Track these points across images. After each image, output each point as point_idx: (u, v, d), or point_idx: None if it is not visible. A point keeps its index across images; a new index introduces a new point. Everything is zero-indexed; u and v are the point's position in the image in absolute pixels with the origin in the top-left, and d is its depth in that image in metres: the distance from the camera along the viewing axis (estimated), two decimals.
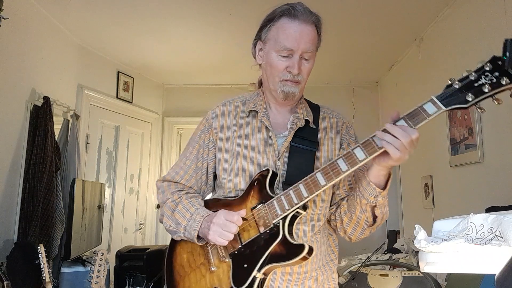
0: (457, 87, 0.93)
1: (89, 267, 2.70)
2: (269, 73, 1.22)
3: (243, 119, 1.26)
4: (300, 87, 1.20)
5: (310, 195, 1.06)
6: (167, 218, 1.23)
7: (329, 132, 1.26)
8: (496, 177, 2.31)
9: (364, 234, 1.21)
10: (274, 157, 1.19)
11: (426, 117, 0.96)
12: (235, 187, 1.20)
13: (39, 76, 3.01)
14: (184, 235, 1.18)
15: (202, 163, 1.28)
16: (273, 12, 1.20)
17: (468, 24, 2.62)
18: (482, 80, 0.90)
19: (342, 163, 1.03)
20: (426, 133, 3.36)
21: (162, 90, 4.87)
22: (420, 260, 1.00)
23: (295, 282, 1.14)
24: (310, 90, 5.47)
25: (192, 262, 1.21)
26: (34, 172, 2.73)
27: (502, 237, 0.91)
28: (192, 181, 1.29)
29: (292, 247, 1.06)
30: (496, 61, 0.90)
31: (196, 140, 1.30)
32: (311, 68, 1.21)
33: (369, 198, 1.09)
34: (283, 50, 1.15)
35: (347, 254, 3.14)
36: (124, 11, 3.05)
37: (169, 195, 1.26)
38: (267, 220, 1.09)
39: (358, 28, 3.30)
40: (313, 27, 1.20)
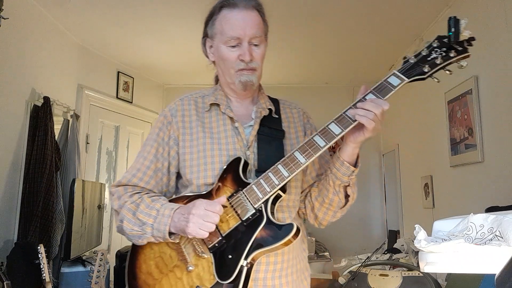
0: (412, 61, 1.05)
1: (89, 267, 2.70)
2: (223, 67, 1.20)
3: (204, 113, 1.23)
4: (257, 74, 1.19)
5: (291, 174, 1.05)
6: (128, 222, 1.11)
7: (292, 122, 1.28)
8: (496, 177, 2.31)
9: (336, 217, 1.23)
10: (243, 147, 1.17)
11: (392, 89, 1.04)
12: (205, 182, 1.14)
13: (39, 76, 3.01)
14: (153, 235, 1.08)
15: (162, 163, 1.19)
16: (214, 6, 1.19)
17: (468, 24, 2.61)
18: (434, 54, 1.04)
19: (319, 139, 1.05)
20: (426, 133, 3.36)
21: (162, 90, 4.87)
22: (420, 260, 1.00)
23: (279, 272, 1.13)
24: (310, 90, 5.47)
25: (163, 266, 1.11)
26: (34, 172, 2.73)
27: (502, 237, 0.91)
28: (151, 183, 1.19)
29: (279, 228, 1.04)
30: (442, 39, 1.04)
31: (154, 139, 1.21)
32: (264, 53, 1.19)
33: (343, 178, 1.11)
34: (231, 39, 1.14)
35: (347, 254, 3.15)
36: (124, 11, 3.05)
37: (127, 198, 1.15)
38: (248, 206, 1.06)
39: (358, 28, 3.30)
40: (255, 12, 1.17)
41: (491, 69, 2.38)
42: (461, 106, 2.67)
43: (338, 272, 2.27)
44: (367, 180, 4.76)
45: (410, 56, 1.05)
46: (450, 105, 2.82)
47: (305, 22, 3.21)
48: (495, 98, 2.34)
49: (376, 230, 4.69)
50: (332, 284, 2.24)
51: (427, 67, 1.03)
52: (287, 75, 4.54)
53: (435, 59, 1.03)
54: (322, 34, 3.44)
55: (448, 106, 2.84)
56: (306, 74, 4.51)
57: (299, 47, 3.74)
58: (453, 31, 1.02)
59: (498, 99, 2.31)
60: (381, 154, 4.76)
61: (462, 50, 1.05)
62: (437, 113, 3.04)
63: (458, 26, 1.03)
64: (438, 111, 3.00)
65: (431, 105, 3.16)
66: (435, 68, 1.04)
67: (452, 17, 1.02)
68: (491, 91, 2.38)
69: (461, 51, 1.04)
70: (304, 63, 4.16)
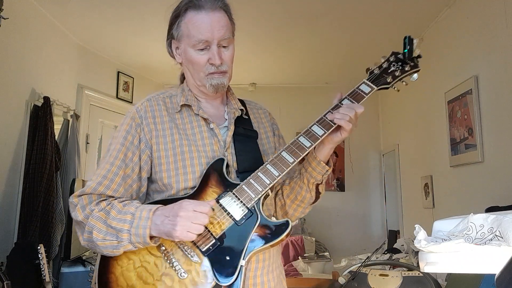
0: (377, 72, 1.22)
1: (89, 267, 2.70)
2: (192, 70, 1.17)
3: (175, 114, 1.17)
4: (228, 76, 1.17)
5: (281, 173, 1.07)
6: (98, 232, 1.00)
7: (261, 122, 1.30)
8: (496, 177, 2.31)
9: (304, 213, 1.28)
10: (221, 148, 1.15)
11: (364, 95, 1.17)
12: (185, 186, 1.09)
13: (39, 76, 3.01)
14: (130, 241, 0.99)
15: (132, 168, 1.10)
16: (178, 7, 1.15)
17: (468, 24, 2.62)
18: (392, 67, 1.21)
19: (304, 140, 1.10)
20: (426, 133, 3.36)
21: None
22: (420, 260, 1.00)
23: (266, 269, 1.15)
24: (310, 90, 5.46)
25: (148, 277, 1.02)
26: (34, 172, 2.73)
27: (502, 237, 0.91)
28: (120, 191, 1.08)
29: (274, 226, 1.05)
30: (397, 55, 1.23)
31: (121, 142, 1.11)
32: (233, 54, 1.17)
33: (317, 177, 1.17)
34: (199, 43, 1.11)
35: (347, 254, 3.15)
36: (124, 11, 3.05)
37: (94, 206, 1.04)
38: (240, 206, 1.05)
39: (358, 28, 3.31)
40: (222, 13, 1.13)
41: (491, 69, 2.38)
42: (461, 106, 2.67)
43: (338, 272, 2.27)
44: (367, 180, 4.76)
45: (374, 67, 1.24)
46: (450, 105, 2.82)
47: (305, 22, 3.21)
48: (495, 98, 2.34)
49: (376, 230, 4.69)
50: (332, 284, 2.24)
51: (390, 77, 1.20)
52: (287, 75, 4.54)
53: (395, 71, 1.20)
54: (322, 34, 3.44)
55: (448, 106, 2.84)
56: (306, 74, 4.51)
57: (299, 47, 3.74)
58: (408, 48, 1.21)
59: (498, 99, 2.31)
60: (381, 154, 4.76)
61: (414, 65, 1.22)
62: (437, 113, 3.04)
63: (412, 45, 1.21)
64: (438, 111, 3.00)
65: (431, 105, 3.16)
66: (396, 79, 1.21)
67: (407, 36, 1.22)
68: (491, 91, 2.38)
69: (413, 66, 1.22)
70: (304, 63, 4.16)
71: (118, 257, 1.04)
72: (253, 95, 4.43)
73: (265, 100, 1.41)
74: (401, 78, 1.21)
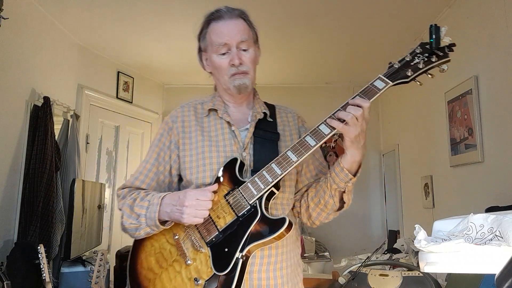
0: (397, 66, 1.13)
1: (89, 267, 2.70)
2: (218, 75, 1.29)
3: (203, 118, 1.31)
4: (250, 77, 1.27)
5: (283, 172, 1.12)
6: (127, 217, 1.20)
7: (287, 125, 1.36)
8: (496, 177, 2.31)
9: (328, 219, 1.30)
10: (239, 149, 1.24)
11: (377, 92, 1.12)
12: (203, 182, 1.21)
13: (39, 76, 3.01)
14: (147, 225, 1.16)
15: (164, 166, 1.28)
16: (203, 22, 1.32)
17: (468, 24, 2.62)
18: (416, 59, 1.12)
19: (310, 139, 1.13)
20: (426, 133, 3.36)
21: (162, 90, 4.87)
22: (420, 260, 1.00)
23: (273, 265, 1.19)
24: (310, 90, 5.46)
25: (163, 261, 1.18)
26: (34, 172, 2.73)
27: (502, 237, 0.91)
28: (153, 184, 1.28)
29: (272, 223, 1.11)
30: (424, 46, 1.14)
31: (156, 144, 1.31)
32: (254, 56, 1.28)
33: (340, 184, 1.18)
34: (219, 47, 1.24)
35: (347, 254, 3.15)
36: (124, 11, 3.05)
37: (128, 196, 1.24)
38: (243, 202, 1.13)
39: (358, 28, 3.31)
40: (241, 20, 1.27)
41: (491, 69, 2.38)
42: (461, 106, 2.67)
43: (338, 272, 2.27)
44: (367, 180, 4.76)
45: (395, 61, 1.15)
46: (450, 105, 2.82)
47: (305, 22, 3.21)
48: (495, 98, 2.34)
49: (376, 230, 4.69)
50: (332, 284, 2.24)
51: (410, 71, 1.11)
52: (287, 75, 4.54)
53: (418, 63, 1.12)
54: (322, 34, 3.44)
55: (448, 106, 2.84)
56: (306, 74, 4.51)
57: (299, 47, 3.74)
58: (434, 37, 1.11)
59: (498, 99, 2.31)
60: (381, 154, 4.76)
61: (443, 55, 1.13)
62: (437, 113, 3.04)
63: (438, 33, 1.11)
64: (438, 111, 3.00)
65: (431, 105, 3.16)
66: (418, 72, 1.12)
67: (432, 24, 1.12)
68: (491, 91, 2.38)
69: (442, 56, 1.13)
70: (304, 63, 4.16)
71: (144, 243, 1.22)
72: None
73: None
74: (425, 70, 1.13)
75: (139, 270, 1.20)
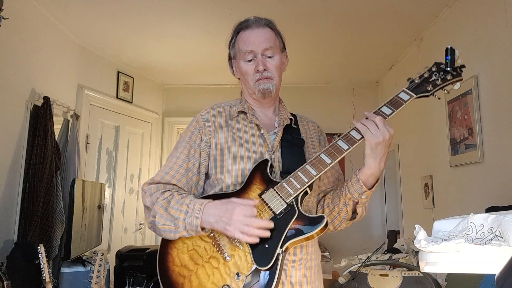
0: (418, 81, 1.27)
1: (89, 267, 2.70)
2: (244, 80, 1.37)
3: (232, 120, 1.36)
4: (274, 83, 1.33)
5: (318, 173, 1.18)
6: (160, 217, 1.21)
7: (309, 133, 1.44)
8: (496, 177, 2.31)
9: (341, 227, 1.35)
10: (269, 151, 1.30)
11: (403, 103, 1.25)
12: (234, 181, 1.26)
13: (39, 76, 3.01)
14: (185, 229, 1.17)
15: (193, 163, 1.31)
16: (232, 31, 1.39)
17: (468, 24, 2.62)
18: (434, 77, 1.26)
19: (342, 144, 1.20)
20: (426, 133, 3.36)
21: (162, 90, 4.87)
22: (420, 260, 1.00)
23: (304, 263, 1.26)
24: (310, 90, 5.45)
25: (198, 258, 1.19)
26: (34, 172, 2.73)
27: (502, 237, 0.91)
28: (183, 181, 1.30)
29: (310, 220, 1.16)
30: (439, 65, 1.28)
31: (186, 141, 1.33)
32: (278, 64, 1.34)
33: (354, 194, 1.23)
34: (246, 54, 1.32)
35: (347, 254, 3.14)
36: (125, 11, 3.05)
37: (159, 195, 1.25)
38: (279, 201, 1.18)
39: (358, 28, 3.31)
40: (267, 29, 1.35)
41: (491, 69, 2.38)
42: (461, 106, 2.67)
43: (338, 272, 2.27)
44: None
45: (415, 77, 1.28)
46: (450, 105, 2.82)
47: (305, 22, 3.21)
48: (495, 98, 2.34)
49: (376, 230, 4.68)
50: (332, 284, 2.24)
51: (430, 86, 1.25)
52: (287, 75, 4.51)
53: (436, 80, 1.25)
54: (322, 34, 3.44)
55: (448, 106, 2.84)
56: (306, 74, 4.51)
57: (299, 47, 3.74)
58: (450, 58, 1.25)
59: (498, 99, 2.31)
60: None
61: (457, 75, 1.26)
62: (437, 113, 3.04)
63: (454, 54, 1.25)
64: (438, 111, 3.00)
65: (431, 105, 3.16)
66: (437, 88, 1.26)
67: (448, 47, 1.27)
68: (491, 91, 2.38)
69: (456, 75, 1.26)
70: (304, 63, 4.16)
71: (175, 241, 1.23)
72: None
73: None
74: (442, 87, 1.26)
75: (171, 268, 1.21)
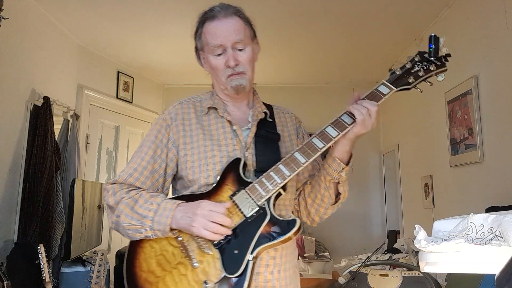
0: (399, 73, 1.18)
1: (89, 267, 2.70)
2: (215, 75, 1.27)
3: (203, 117, 1.27)
4: (247, 78, 1.24)
5: (292, 173, 1.11)
6: (125, 216, 1.13)
7: (285, 126, 1.34)
8: (496, 177, 2.31)
9: (327, 214, 1.28)
10: (242, 148, 1.22)
11: (382, 97, 1.16)
12: (206, 182, 1.18)
13: (39, 76, 3.01)
14: (152, 228, 1.10)
15: (160, 164, 1.22)
16: (197, 21, 1.30)
17: (468, 24, 2.62)
18: (416, 67, 1.18)
19: (317, 141, 1.13)
20: (426, 133, 3.36)
21: (162, 90, 4.87)
22: (420, 260, 1.00)
23: (278, 267, 1.18)
24: (310, 90, 5.46)
25: (166, 264, 1.12)
26: (34, 172, 2.73)
27: (502, 237, 0.91)
28: (147, 183, 1.21)
29: (283, 224, 1.09)
30: (422, 54, 1.19)
31: (152, 140, 1.23)
32: (250, 56, 1.24)
33: (333, 174, 1.18)
34: (215, 48, 1.21)
35: (347, 254, 3.15)
36: (124, 11, 3.05)
37: (124, 194, 1.17)
38: (251, 203, 1.10)
39: (358, 28, 3.30)
40: (236, 18, 1.23)
41: (491, 69, 2.38)
42: (461, 106, 2.67)
43: (338, 272, 2.27)
44: (367, 180, 4.76)
45: (396, 68, 1.19)
46: (450, 105, 2.82)
47: (305, 22, 3.21)
48: (495, 98, 2.34)
49: (376, 230, 4.69)
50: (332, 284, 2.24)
51: (412, 78, 1.17)
52: (288, 75, 4.54)
53: (418, 71, 1.17)
54: (322, 34, 3.44)
55: (448, 106, 2.84)
56: (306, 74, 4.51)
57: (299, 47, 3.74)
58: (433, 47, 1.16)
59: (498, 99, 2.31)
60: (381, 154, 4.76)
61: (441, 65, 1.19)
62: (437, 113, 3.04)
63: (438, 43, 1.17)
64: (438, 111, 3.00)
65: (431, 105, 3.16)
66: (419, 80, 1.18)
67: (432, 34, 1.18)
68: (491, 91, 2.38)
69: (440, 65, 1.18)
70: (304, 63, 4.16)
71: (143, 245, 1.15)
72: None
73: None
74: (425, 79, 1.18)
75: (138, 273, 1.14)
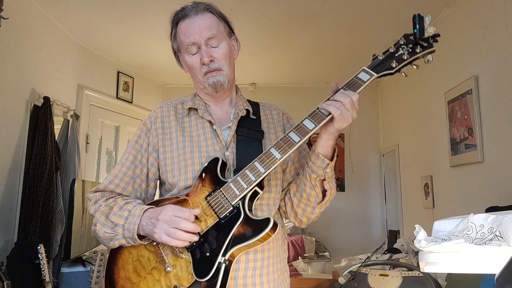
0: (381, 58, 1.10)
1: (89, 267, 2.70)
2: (193, 75, 1.24)
3: (184, 118, 1.25)
4: (225, 73, 1.20)
5: (267, 171, 1.06)
6: (101, 225, 1.12)
7: (272, 122, 1.30)
8: (496, 177, 2.31)
9: (315, 214, 1.22)
10: (222, 148, 1.18)
11: (362, 84, 1.08)
12: (185, 184, 1.15)
13: (39, 76, 3.01)
14: (124, 236, 1.08)
15: (141, 169, 1.21)
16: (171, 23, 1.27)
17: (468, 24, 2.62)
18: (401, 51, 1.10)
19: (293, 135, 1.07)
20: (426, 133, 3.36)
21: (162, 90, 4.87)
22: (420, 260, 1.00)
23: (259, 270, 1.12)
24: (310, 90, 5.46)
25: (141, 270, 1.10)
26: (34, 172, 2.73)
27: (502, 237, 0.91)
28: (128, 189, 1.20)
29: (256, 224, 1.04)
30: (408, 37, 1.11)
31: (132, 146, 1.23)
32: (226, 51, 1.20)
33: (318, 172, 1.12)
34: (189, 46, 1.19)
35: (347, 254, 3.15)
36: (124, 11, 3.05)
37: (102, 202, 1.16)
38: (225, 204, 1.06)
39: (358, 28, 3.31)
40: (208, 14, 1.21)
41: (491, 69, 2.38)
42: (461, 106, 2.67)
43: (338, 272, 2.27)
44: (367, 180, 4.76)
45: (379, 53, 1.12)
46: (450, 105, 2.82)
47: (305, 22, 3.21)
48: (495, 98, 2.34)
49: (376, 230, 4.69)
50: (332, 284, 2.24)
51: (395, 62, 1.09)
52: (288, 75, 4.54)
53: (402, 55, 1.09)
54: (322, 34, 3.44)
55: (448, 106, 2.84)
56: (306, 74, 4.51)
57: (299, 47, 3.74)
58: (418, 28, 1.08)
59: (498, 99, 2.31)
60: (381, 154, 4.76)
61: (428, 46, 1.09)
62: (437, 113, 3.04)
63: (422, 23, 1.09)
64: (438, 111, 3.00)
65: (431, 105, 3.16)
66: (403, 63, 1.09)
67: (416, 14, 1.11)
68: (491, 91, 2.38)
69: (426, 46, 1.09)
70: (304, 63, 4.16)
71: (122, 252, 1.14)
72: (253, 95, 4.43)
73: (265, 100, 1.40)
74: (410, 62, 1.09)
75: (116, 280, 1.12)
